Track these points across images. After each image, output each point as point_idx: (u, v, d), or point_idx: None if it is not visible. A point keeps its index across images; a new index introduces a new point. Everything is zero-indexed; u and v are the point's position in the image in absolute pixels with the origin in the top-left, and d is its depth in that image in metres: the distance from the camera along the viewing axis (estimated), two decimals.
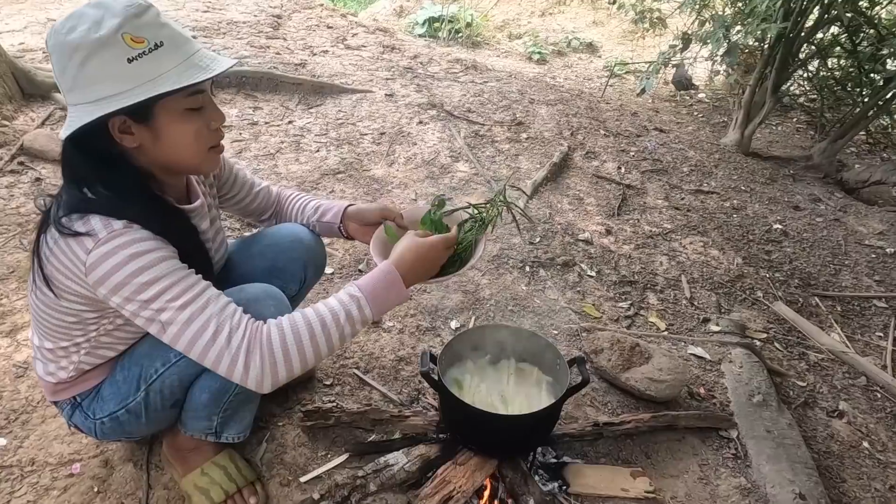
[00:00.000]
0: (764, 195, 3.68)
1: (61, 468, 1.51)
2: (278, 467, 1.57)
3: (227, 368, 1.07)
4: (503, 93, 4.46)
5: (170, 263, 1.06)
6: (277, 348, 1.08)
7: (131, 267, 1.01)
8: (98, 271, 1.01)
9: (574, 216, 3.04)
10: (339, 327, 1.13)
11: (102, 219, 1.02)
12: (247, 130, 3.38)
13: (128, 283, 1.01)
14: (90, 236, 1.01)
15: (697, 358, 2.16)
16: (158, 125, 1.06)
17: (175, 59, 1.01)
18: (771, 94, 4.14)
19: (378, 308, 1.17)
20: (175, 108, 1.05)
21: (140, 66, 0.98)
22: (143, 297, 1.03)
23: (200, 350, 1.06)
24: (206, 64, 1.05)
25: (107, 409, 1.29)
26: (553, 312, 2.31)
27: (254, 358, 1.07)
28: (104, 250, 1.00)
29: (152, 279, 1.03)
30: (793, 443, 1.79)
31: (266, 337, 1.08)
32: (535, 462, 1.60)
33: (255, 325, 1.09)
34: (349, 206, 1.55)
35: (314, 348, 1.11)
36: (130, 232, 1.03)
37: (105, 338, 1.22)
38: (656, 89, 5.74)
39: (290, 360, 1.09)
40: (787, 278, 2.82)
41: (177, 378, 1.27)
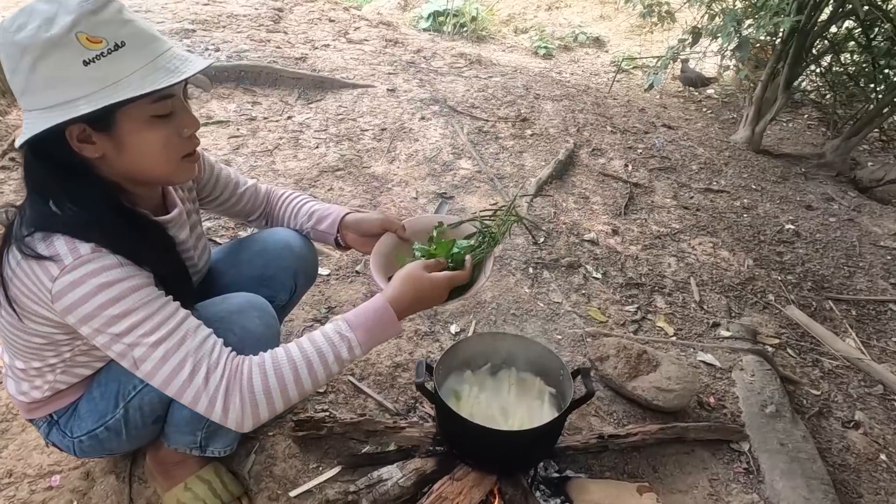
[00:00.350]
0: (775, 194, 3.58)
1: (40, 480, 1.45)
2: (267, 480, 1.50)
3: (204, 409, 1.00)
4: (508, 88, 4.37)
5: (143, 293, 0.97)
6: (259, 390, 1.01)
7: (101, 298, 0.93)
8: (65, 300, 0.93)
9: (579, 215, 2.95)
10: (325, 368, 1.06)
11: (68, 241, 0.93)
12: (244, 126, 3.30)
13: (97, 314, 0.93)
14: (55, 262, 0.92)
15: (707, 365, 2.08)
16: (121, 134, 0.95)
17: (138, 61, 0.91)
18: (783, 90, 4.04)
19: (369, 346, 1.10)
20: (139, 115, 0.95)
21: (98, 69, 0.88)
22: (114, 330, 0.95)
23: (176, 389, 0.99)
24: (174, 66, 0.95)
25: (85, 427, 1.22)
26: (557, 317, 2.22)
27: (233, 399, 0.99)
28: (71, 278, 0.92)
29: (123, 312, 0.94)
30: (808, 457, 1.71)
31: (247, 378, 1.00)
32: (537, 477, 1.52)
33: (235, 364, 1.01)
34: (347, 214, 1.45)
35: (298, 390, 1.04)
36: (99, 258, 0.94)
37: (81, 357, 1.15)
38: (665, 85, 5.64)
39: (272, 402, 1.02)
40: (799, 281, 2.73)
41: (156, 394, 1.18)
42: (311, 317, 2.06)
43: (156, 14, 4.35)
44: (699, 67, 5.78)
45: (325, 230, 1.46)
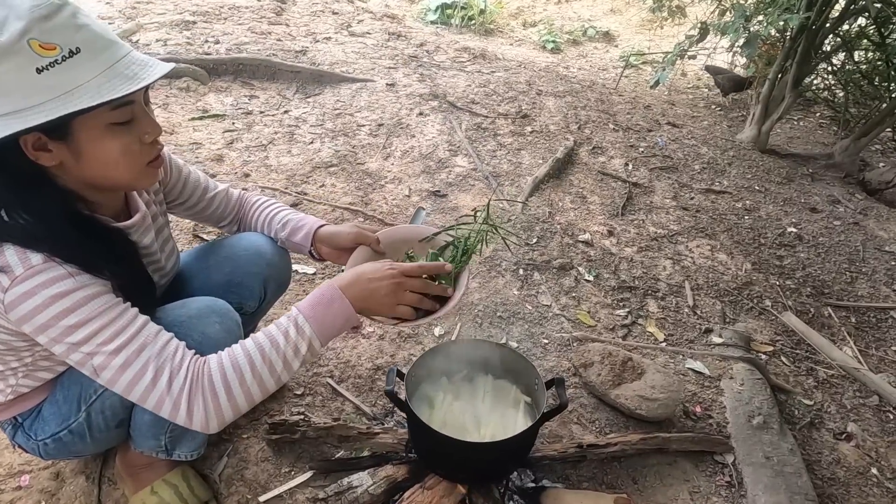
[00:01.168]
0: (779, 196, 3.50)
1: (9, 480, 1.44)
2: (238, 484, 1.48)
3: (169, 413, 0.99)
4: (510, 83, 4.31)
5: (99, 301, 0.95)
6: (219, 386, 0.99)
7: (55, 309, 0.91)
8: (18, 311, 0.91)
9: (575, 215, 2.90)
10: (279, 352, 1.03)
11: (18, 251, 0.91)
12: (240, 120, 3.29)
13: (52, 325, 0.92)
14: (4, 273, 0.90)
15: (695, 373, 2.03)
16: (79, 143, 0.92)
17: (95, 68, 0.88)
18: (791, 88, 3.94)
19: (321, 326, 1.06)
20: (97, 123, 0.92)
21: (52, 77, 0.84)
22: (72, 339, 0.94)
23: (139, 395, 0.98)
24: (133, 72, 0.91)
25: (48, 431, 1.20)
26: (545, 320, 2.19)
27: (196, 401, 0.98)
28: (22, 289, 0.90)
29: (80, 321, 0.93)
30: (793, 471, 1.66)
31: (208, 377, 0.99)
32: (511, 486, 1.49)
33: (197, 366, 1.00)
34: (321, 227, 1.42)
35: (257, 380, 1.02)
36: (50, 269, 0.91)
37: (42, 361, 1.13)
38: (673, 81, 5.54)
39: (233, 398, 1.01)
40: (798, 286, 2.67)
41: (117, 398, 1.17)
42: None
43: (157, 5, 4.34)
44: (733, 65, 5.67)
45: (300, 242, 1.44)
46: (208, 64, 3.66)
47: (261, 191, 2.73)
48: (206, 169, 2.84)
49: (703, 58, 5.91)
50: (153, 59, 0.97)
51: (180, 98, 3.40)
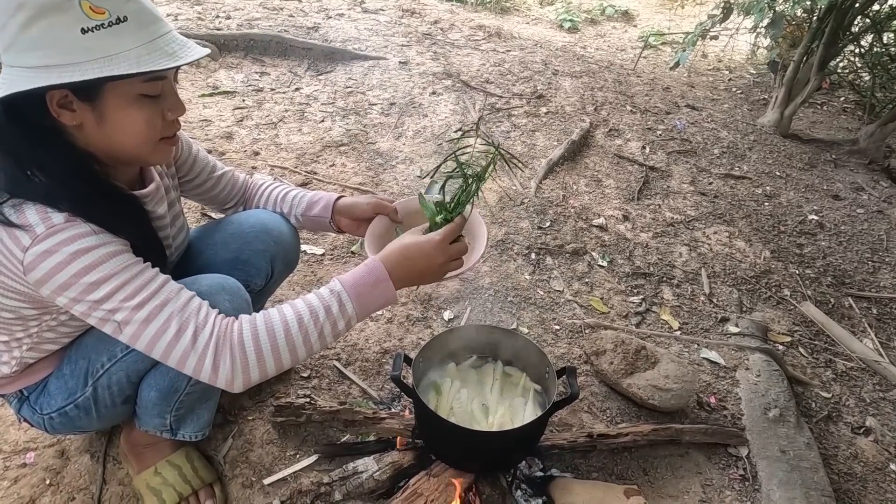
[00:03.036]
0: (801, 182, 3.40)
1: (15, 457, 1.44)
2: (242, 466, 1.47)
3: (193, 368, 0.97)
4: (526, 63, 4.22)
5: (121, 259, 0.95)
6: (250, 347, 0.98)
7: (77, 266, 0.90)
8: (38, 271, 0.90)
9: (590, 199, 2.84)
10: (317, 325, 1.02)
11: (39, 210, 0.90)
12: (251, 97, 3.24)
13: (74, 283, 0.91)
14: (26, 231, 0.89)
15: (710, 363, 1.98)
16: (105, 107, 0.93)
17: (138, 39, 0.89)
18: (816, 71, 3.81)
19: (362, 306, 1.05)
20: (128, 91, 0.93)
21: (95, 40, 0.85)
22: (93, 297, 0.92)
23: (162, 351, 0.97)
24: (172, 50, 0.93)
25: (54, 405, 1.20)
26: (557, 306, 2.14)
27: (223, 357, 0.97)
28: (43, 248, 0.89)
29: (102, 278, 0.92)
30: (810, 465, 1.62)
31: (238, 334, 0.98)
32: (519, 475, 1.46)
33: (225, 323, 0.99)
34: (339, 198, 1.42)
35: (290, 348, 1.01)
36: (72, 227, 0.91)
37: (48, 333, 1.12)
38: (693, 63, 5.40)
39: (263, 360, 0.99)
40: (818, 275, 2.59)
41: (124, 374, 1.17)
42: None
43: None
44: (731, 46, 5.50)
45: (319, 214, 1.42)
46: (219, 39, 3.61)
47: (270, 169, 2.70)
48: (216, 147, 2.81)
49: (724, 39, 5.75)
50: (192, 42, 0.99)
51: (190, 74, 3.35)
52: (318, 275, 2.13)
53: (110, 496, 1.38)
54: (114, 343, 1.13)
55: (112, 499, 1.38)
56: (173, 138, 1.06)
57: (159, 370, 1.18)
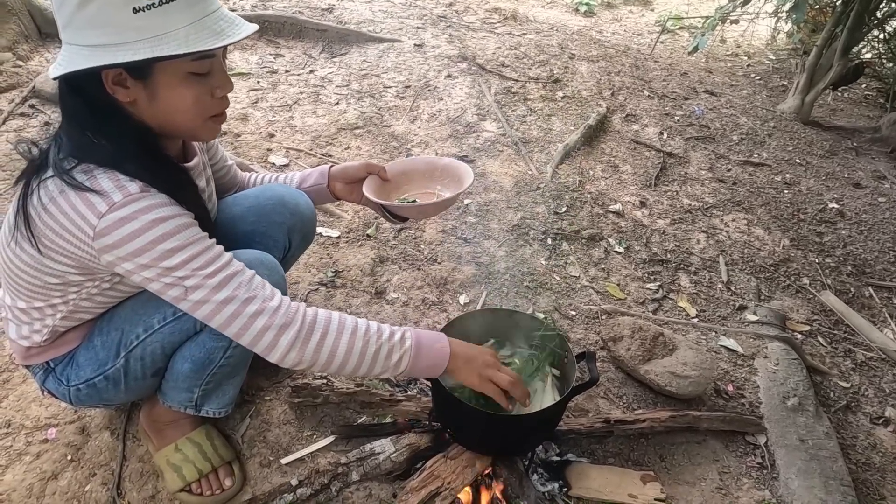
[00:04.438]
0: (821, 170, 3.35)
1: (37, 432, 1.45)
2: (260, 446, 1.48)
3: (253, 336, 1.02)
4: (542, 47, 4.16)
5: (193, 230, 1.00)
6: (318, 330, 1.05)
7: (155, 233, 0.94)
8: (112, 237, 0.93)
9: (606, 185, 2.81)
10: (378, 342, 1.10)
11: (112, 177, 0.94)
12: (265, 79, 3.23)
13: (149, 249, 0.95)
14: (102, 198, 0.92)
15: (728, 351, 1.96)
16: (156, 85, 0.96)
17: (186, 18, 0.91)
18: (839, 57, 3.73)
19: (417, 354, 1.14)
20: (178, 70, 0.95)
21: (146, 19, 0.88)
22: (167, 264, 0.96)
23: (227, 317, 1.01)
24: (220, 28, 0.95)
25: (83, 376, 1.21)
26: (573, 291, 2.13)
27: (289, 332, 1.03)
28: (121, 215, 0.93)
29: (178, 246, 0.96)
30: (829, 455, 1.61)
31: (309, 317, 1.06)
32: (535, 460, 1.46)
33: (293, 303, 1.06)
34: (331, 166, 1.50)
35: (348, 348, 1.07)
36: (149, 196, 0.95)
37: (85, 302, 1.13)
38: (711, 48, 5.31)
39: (322, 346, 1.05)
40: (838, 264, 2.55)
41: (159, 345, 1.18)
42: (318, 280, 2.01)
43: None
44: (750, 31, 5.38)
45: (316, 182, 1.49)
46: None
47: (286, 151, 2.69)
48: (231, 128, 2.80)
49: (744, 23, 5.64)
50: (240, 18, 1.00)
51: None
52: (333, 257, 2.12)
53: (130, 472, 1.40)
54: (150, 314, 1.15)
55: (132, 475, 1.39)
56: (221, 115, 1.08)
57: (196, 342, 1.20)
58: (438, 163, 1.52)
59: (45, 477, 1.36)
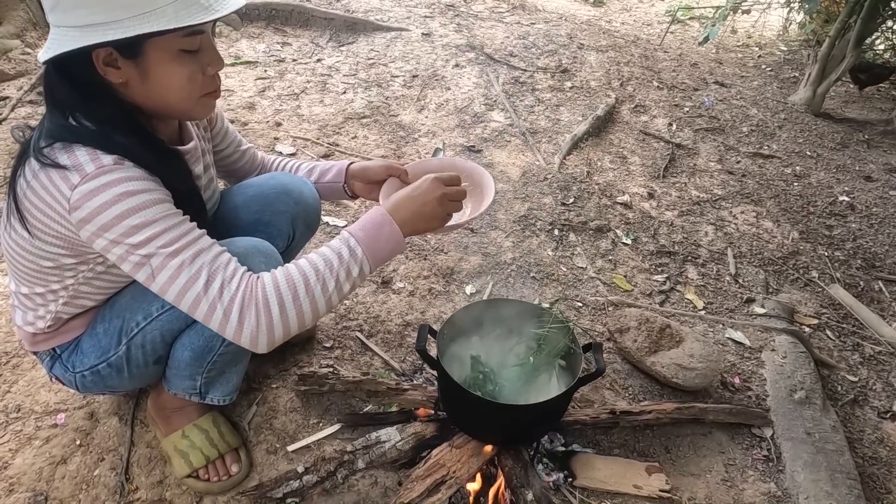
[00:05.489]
0: (832, 162, 3.31)
1: (46, 417, 1.47)
2: (266, 433, 1.49)
3: (219, 323, 0.98)
4: (550, 36, 4.13)
5: (163, 207, 0.96)
6: (273, 302, 0.98)
7: (122, 206, 0.92)
8: (83, 210, 0.91)
9: (614, 176, 2.79)
10: (332, 272, 1.02)
11: (89, 151, 0.93)
12: (273, 67, 3.22)
13: (116, 224, 0.92)
14: (76, 170, 0.91)
15: (735, 343, 1.96)
16: (148, 63, 0.95)
17: None
18: (853, 48, 3.68)
19: (372, 250, 1.06)
20: (168, 47, 0.95)
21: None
22: (133, 240, 0.93)
23: (191, 302, 0.97)
24: (208, 3, 0.93)
25: (87, 363, 1.21)
26: (580, 283, 2.12)
27: (248, 314, 0.97)
28: (91, 186, 0.91)
29: (144, 222, 0.93)
30: (835, 448, 1.60)
31: (262, 290, 0.99)
32: (541, 449, 1.46)
33: (252, 279, 1.00)
34: (351, 163, 1.45)
35: (310, 298, 1.01)
36: (122, 169, 0.93)
37: (84, 287, 1.13)
38: (721, 39, 5.25)
39: (285, 315, 0.99)
40: (848, 258, 2.53)
41: (158, 333, 1.18)
42: None
43: None
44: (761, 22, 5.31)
45: (332, 180, 1.46)
46: (241, 9, 3.57)
47: (293, 140, 2.68)
48: (238, 117, 2.80)
49: (756, 14, 5.57)
50: None
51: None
52: None
53: (138, 458, 1.41)
54: (149, 302, 1.15)
55: (140, 461, 1.40)
56: (214, 93, 1.07)
57: (194, 330, 1.19)
58: (463, 167, 1.40)
59: (55, 461, 1.37)
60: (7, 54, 2.78)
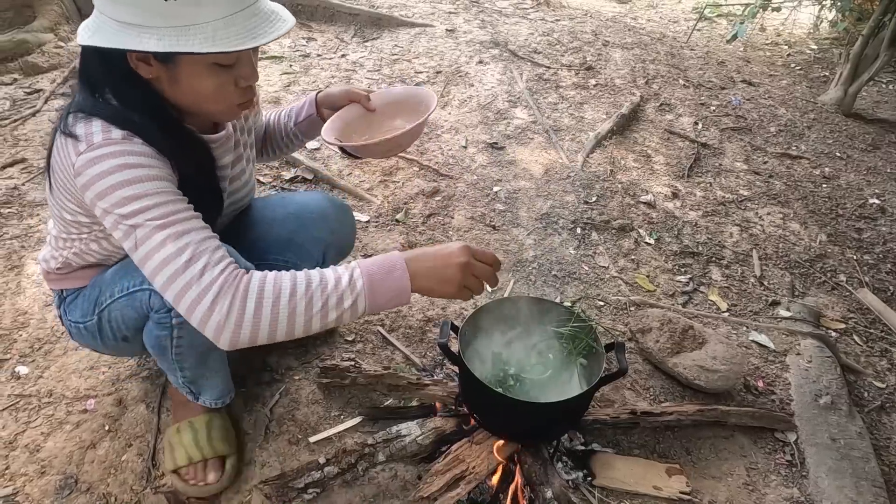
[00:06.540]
0: (862, 164, 3.24)
1: (76, 403, 1.51)
2: (289, 424, 1.51)
3: (189, 303, 0.92)
4: (575, 33, 4.10)
5: (160, 184, 0.95)
6: (252, 298, 0.92)
7: (117, 177, 0.92)
8: (83, 176, 0.93)
9: (638, 175, 2.77)
10: (323, 293, 0.94)
11: (103, 124, 0.94)
12: (298, 63, 3.24)
13: (110, 193, 0.92)
14: (84, 139, 0.93)
15: (759, 346, 1.93)
16: (179, 71, 0.95)
17: (219, 11, 0.88)
18: (887, 47, 3.60)
19: (373, 290, 0.97)
20: (201, 59, 0.94)
21: (175, 7, 0.86)
22: (122, 211, 0.93)
23: (167, 276, 0.92)
24: (252, 25, 0.92)
25: (74, 317, 1.26)
26: (601, 282, 2.11)
27: (223, 301, 0.91)
28: (93, 155, 0.92)
29: (135, 195, 0.92)
30: (861, 455, 1.57)
31: (244, 283, 0.93)
32: (560, 448, 1.46)
33: (237, 272, 0.95)
34: (318, 93, 1.40)
35: (290, 311, 0.93)
36: (128, 143, 0.94)
37: (94, 245, 1.16)
38: (750, 36, 5.16)
39: (259, 317, 0.92)
40: (877, 262, 2.48)
41: (119, 314, 1.18)
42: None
43: None
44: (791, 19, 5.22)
45: (307, 115, 1.41)
46: None
47: None
48: None
49: (786, 11, 5.47)
50: (279, 10, 0.97)
51: None
52: (362, 241, 2.14)
53: (164, 445, 1.44)
54: (118, 282, 1.16)
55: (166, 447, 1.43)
56: (247, 103, 1.06)
57: (147, 327, 1.18)
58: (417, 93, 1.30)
59: (84, 446, 1.41)
60: (41, 48, 2.84)
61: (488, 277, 1.07)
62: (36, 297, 1.79)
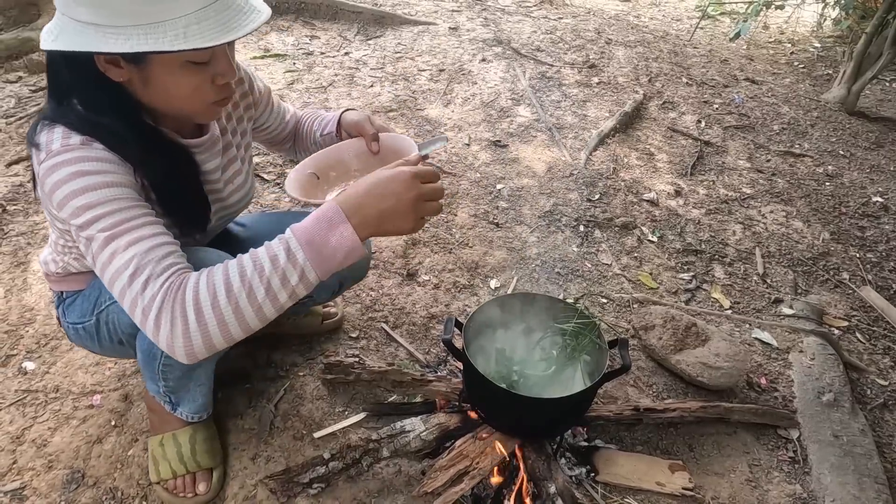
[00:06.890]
0: (866, 162, 3.24)
1: (83, 398, 1.52)
2: (293, 419, 1.52)
3: (139, 320, 0.88)
4: (578, 31, 4.10)
5: (115, 191, 0.90)
6: (190, 307, 0.85)
7: (71, 186, 0.88)
8: (45, 186, 0.90)
9: (641, 173, 2.77)
10: (262, 278, 0.86)
11: (64, 131, 0.90)
12: (301, 61, 3.25)
13: (66, 203, 0.89)
14: (44, 147, 0.90)
15: (762, 344, 1.94)
16: (151, 71, 0.89)
17: (187, 6, 0.83)
18: (891, 45, 3.59)
19: (316, 254, 0.87)
20: (174, 58, 0.88)
21: (144, 4, 0.80)
22: (77, 222, 0.89)
23: (118, 292, 0.89)
24: (225, 18, 0.86)
25: (72, 318, 1.26)
26: (604, 279, 2.12)
27: (165, 315, 0.85)
28: (50, 163, 0.88)
29: (87, 204, 0.88)
30: (863, 452, 1.58)
31: (181, 292, 0.86)
32: (564, 444, 1.47)
33: (178, 279, 0.88)
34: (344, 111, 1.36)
35: (234, 308, 0.86)
36: (86, 148, 0.89)
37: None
38: (753, 34, 5.15)
39: (204, 323, 0.85)
40: (881, 260, 2.48)
41: (116, 318, 1.17)
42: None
43: None
44: (795, 17, 5.21)
45: (328, 132, 1.38)
46: (270, 2, 3.61)
47: None
48: None
49: (789, 9, 5.45)
50: (251, 2, 0.91)
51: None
52: None
53: None
54: None
55: None
56: (224, 101, 1.01)
57: (139, 334, 1.17)
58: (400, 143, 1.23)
59: (91, 440, 1.42)
60: None
61: (440, 195, 0.95)
62: (42, 293, 1.80)
